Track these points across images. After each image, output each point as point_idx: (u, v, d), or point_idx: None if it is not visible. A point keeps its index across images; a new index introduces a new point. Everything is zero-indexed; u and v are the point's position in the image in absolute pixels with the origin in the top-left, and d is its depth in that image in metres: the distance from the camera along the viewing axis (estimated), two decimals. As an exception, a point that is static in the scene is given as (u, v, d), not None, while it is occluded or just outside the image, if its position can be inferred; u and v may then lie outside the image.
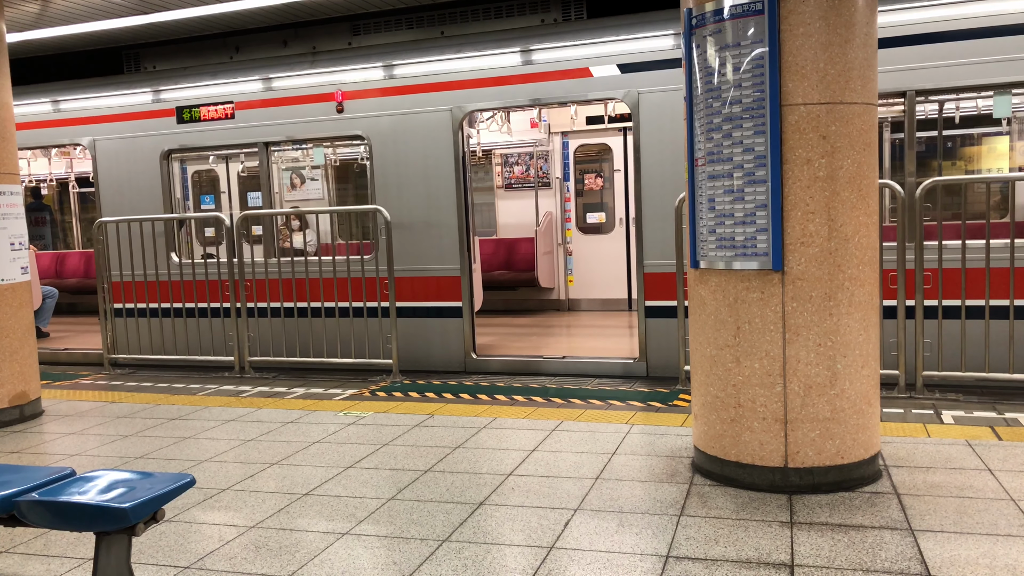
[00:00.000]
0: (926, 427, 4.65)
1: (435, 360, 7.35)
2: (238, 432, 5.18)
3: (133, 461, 4.66)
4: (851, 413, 3.67)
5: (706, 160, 3.77)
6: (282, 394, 6.38)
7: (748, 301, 3.68)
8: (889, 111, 6.29)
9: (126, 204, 8.19)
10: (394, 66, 7.24)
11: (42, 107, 8.52)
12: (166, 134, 8.02)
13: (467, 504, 3.72)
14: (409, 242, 7.27)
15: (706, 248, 3.82)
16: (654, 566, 3.01)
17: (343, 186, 10.44)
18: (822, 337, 3.61)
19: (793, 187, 3.57)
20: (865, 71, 3.61)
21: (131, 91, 8.18)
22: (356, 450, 4.67)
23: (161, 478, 2.80)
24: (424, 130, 7.14)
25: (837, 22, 3.52)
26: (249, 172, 9.00)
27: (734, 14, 3.60)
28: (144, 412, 5.87)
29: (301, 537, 3.44)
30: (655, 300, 6.61)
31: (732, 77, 3.63)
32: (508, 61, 6.93)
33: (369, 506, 3.76)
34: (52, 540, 3.52)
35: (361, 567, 3.13)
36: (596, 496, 3.76)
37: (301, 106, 7.53)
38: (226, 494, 4.02)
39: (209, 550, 3.35)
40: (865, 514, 3.40)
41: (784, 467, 3.68)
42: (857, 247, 3.63)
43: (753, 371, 3.69)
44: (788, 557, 3.03)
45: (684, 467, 4.10)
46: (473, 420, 5.21)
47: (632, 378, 6.73)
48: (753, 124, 3.59)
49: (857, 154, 3.60)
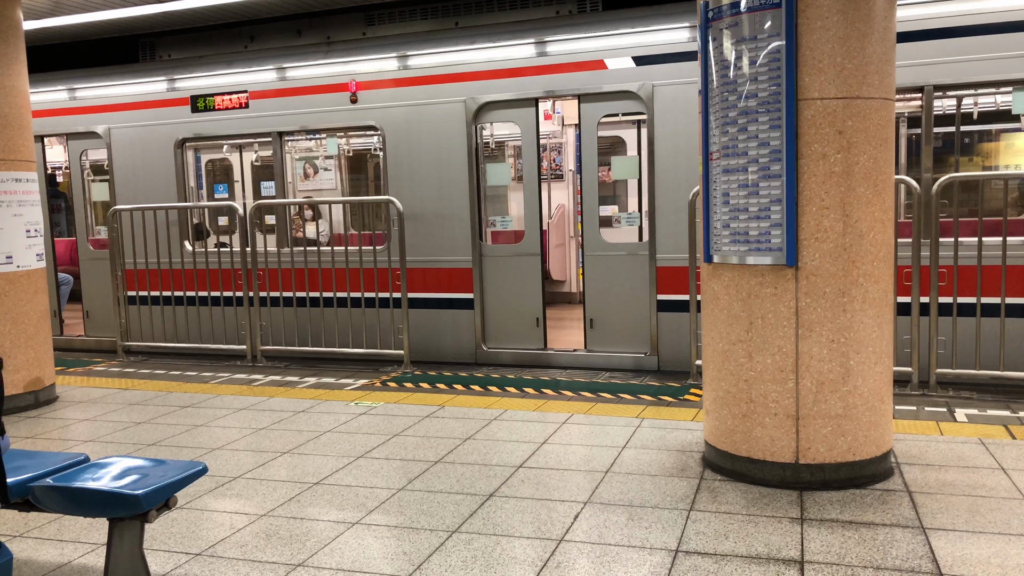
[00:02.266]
0: (939, 425, 4.62)
1: (446, 351, 7.36)
2: (250, 421, 5.21)
3: (146, 448, 4.69)
4: (863, 410, 3.65)
5: (721, 154, 3.75)
6: (293, 383, 6.41)
7: (761, 296, 3.66)
8: (906, 106, 6.23)
9: (140, 192, 8.23)
10: (408, 56, 7.23)
11: (58, 95, 8.56)
12: (181, 123, 8.04)
13: (477, 495, 3.73)
14: (421, 233, 7.28)
15: (720, 242, 3.80)
16: (663, 560, 3.01)
17: (356, 176, 10.45)
18: (835, 333, 3.59)
19: (808, 182, 3.55)
20: (883, 66, 3.58)
21: (146, 79, 8.20)
22: (367, 440, 4.68)
23: (174, 465, 2.83)
24: (437, 121, 7.13)
25: (855, 16, 3.48)
26: (263, 161, 9.02)
27: (751, 7, 3.57)
28: (157, 399, 5.91)
29: (311, 526, 3.46)
30: (667, 294, 6.59)
31: (748, 71, 3.61)
32: (522, 53, 6.91)
33: (379, 496, 3.78)
34: (66, 525, 3.55)
35: (371, 557, 3.14)
36: (606, 489, 3.76)
37: (315, 96, 7.54)
38: (237, 482, 4.04)
39: (220, 537, 3.37)
40: (876, 511, 3.39)
41: (795, 463, 3.67)
42: (872, 243, 3.61)
43: (765, 366, 3.67)
44: (798, 553, 3.02)
45: (695, 462, 4.09)
46: (483, 412, 5.22)
47: (643, 372, 6.71)
48: (769, 118, 3.56)
49: (873, 149, 3.57)
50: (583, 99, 6.79)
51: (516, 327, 7.12)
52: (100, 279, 8.53)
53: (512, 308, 7.12)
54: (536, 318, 7.02)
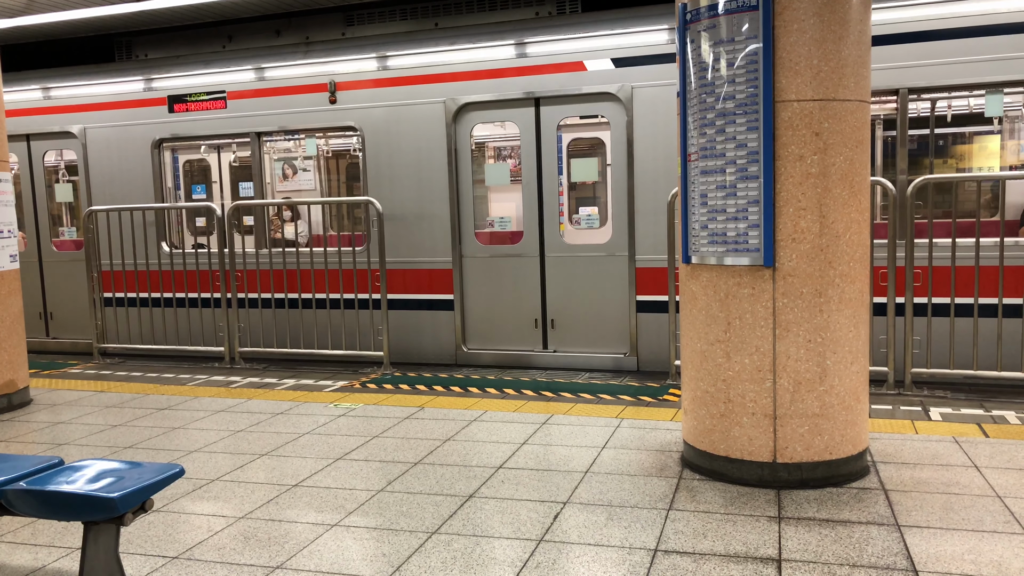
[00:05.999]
0: (914, 424, 4.68)
1: (426, 353, 7.34)
2: (228, 423, 5.17)
3: (122, 451, 4.64)
4: (840, 409, 3.69)
5: (699, 155, 3.78)
6: (272, 385, 6.37)
7: (739, 297, 3.69)
8: (882, 109, 6.31)
9: (117, 193, 8.14)
10: (388, 57, 7.21)
11: (31, 94, 8.45)
12: (158, 123, 7.97)
13: (457, 496, 3.73)
14: (401, 234, 7.26)
15: (698, 243, 3.83)
16: (643, 559, 3.02)
17: (335, 177, 10.40)
18: (812, 333, 3.62)
19: (785, 183, 3.58)
20: (859, 68, 3.62)
21: (122, 79, 8.12)
22: (346, 442, 4.66)
23: (150, 468, 2.80)
24: (417, 122, 7.12)
25: (831, 19, 3.52)
26: (241, 162, 8.96)
27: (728, 9, 3.59)
28: (133, 402, 5.84)
29: (290, 528, 3.44)
30: (647, 295, 6.62)
31: (726, 73, 3.63)
32: (502, 54, 6.91)
33: (359, 498, 3.76)
34: (40, 529, 3.51)
35: (350, 558, 3.13)
36: (585, 489, 3.76)
37: (294, 96, 7.50)
38: (215, 484, 4.01)
39: (198, 540, 3.35)
40: (852, 509, 3.42)
41: (773, 462, 3.70)
42: (848, 244, 3.65)
43: (743, 366, 3.70)
44: (776, 552, 3.05)
45: (673, 461, 4.11)
46: (464, 413, 5.22)
47: (623, 372, 6.74)
48: (746, 120, 3.59)
49: (850, 151, 3.61)
50: (542, 102, 6.83)
51: (510, 328, 7.11)
52: (65, 281, 8.47)
53: (507, 309, 7.11)
54: (535, 319, 7.03)
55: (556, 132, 6.96)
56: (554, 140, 7.00)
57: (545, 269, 7.04)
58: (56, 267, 8.60)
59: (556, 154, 7.04)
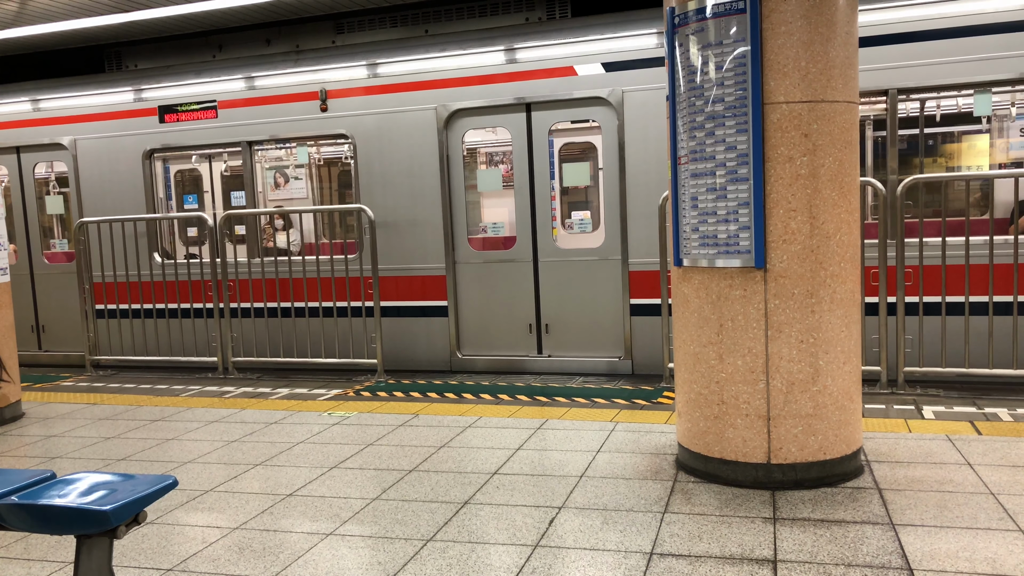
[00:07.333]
0: (907, 423, 4.69)
1: (420, 359, 7.33)
2: (221, 433, 5.15)
3: (115, 463, 4.62)
4: (833, 409, 3.69)
5: (689, 158, 3.79)
6: (266, 395, 6.35)
7: (731, 299, 3.69)
8: (871, 109, 6.33)
9: (108, 204, 8.12)
10: (378, 65, 7.22)
11: (21, 106, 8.43)
12: (148, 133, 7.96)
13: (452, 503, 3.72)
14: (394, 241, 7.26)
15: (689, 246, 3.84)
16: (638, 563, 3.02)
17: (327, 185, 10.40)
18: (804, 334, 3.63)
19: (775, 185, 3.59)
20: (846, 70, 3.63)
21: (113, 90, 8.11)
22: (340, 450, 4.65)
23: (143, 480, 2.78)
24: (408, 129, 7.12)
25: (818, 21, 3.54)
26: (232, 171, 8.94)
27: (716, 13, 3.61)
28: (126, 414, 5.82)
29: (285, 538, 3.42)
30: (640, 298, 6.63)
31: (715, 76, 3.64)
32: (493, 60, 6.93)
33: (353, 506, 3.75)
34: (32, 543, 3.49)
35: (345, 567, 3.12)
36: (581, 494, 3.76)
37: (285, 105, 7.49)
38: (209, 495, 4.00)
39: (192, 552, 3.33)
40: (847, 509, 3.42)
41: (767, 463, 3.70)
42: (839, 244, 3.66)
43: (736, 368, 3.70)
44: (771, 553, 3.05)
45: (668, 464, 4.11)
46: (458, 419, 5.21)
47: (617, 376, 6.74)
48: (736, 122, 3.60)
49: (839, 152, 3.62)
50: (533, 107, 6.84)
51: (504, 334, 7.11)
52: (57, 293, 8.44)
53: (501, 315, 7.11)
54: (529, 324, 7.03)
55: (548, 137, 6.98)
56: (546, 145, 7.01)
57: (538, 274, 7.04)
58: (48, 279, 8.58)
59: (548, 159, 7.06)
